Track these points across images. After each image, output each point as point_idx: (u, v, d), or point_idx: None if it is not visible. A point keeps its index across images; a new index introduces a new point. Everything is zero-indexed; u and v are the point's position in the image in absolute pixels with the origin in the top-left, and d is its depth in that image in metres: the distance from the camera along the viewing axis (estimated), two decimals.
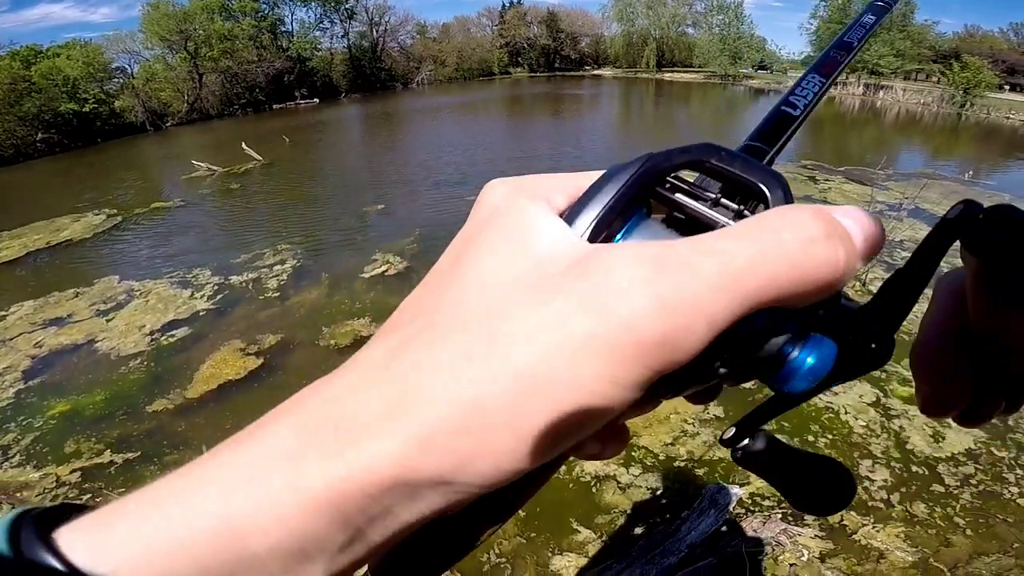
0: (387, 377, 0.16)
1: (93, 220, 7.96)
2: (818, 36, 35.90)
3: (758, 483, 2.55)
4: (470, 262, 0.17)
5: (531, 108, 21.89)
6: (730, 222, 0.18)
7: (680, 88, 31.03)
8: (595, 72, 45.43)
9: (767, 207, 0.17)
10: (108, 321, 4.69)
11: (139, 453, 3.08)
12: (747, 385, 0.17)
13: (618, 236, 0.18)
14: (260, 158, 11.33)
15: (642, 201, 0.19)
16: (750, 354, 0.16)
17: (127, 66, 24.49)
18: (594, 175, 0.19)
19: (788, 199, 0.17)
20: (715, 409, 3.11)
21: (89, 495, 2.76)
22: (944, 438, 2.91)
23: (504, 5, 46.35)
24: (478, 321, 0.16)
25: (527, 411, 0.14)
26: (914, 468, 2.71)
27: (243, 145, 11.83)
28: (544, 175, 0.20)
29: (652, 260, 0.15)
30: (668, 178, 0.19)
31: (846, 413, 3.12)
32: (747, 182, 0.18)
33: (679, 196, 0.19)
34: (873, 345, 0.18)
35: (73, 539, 0.14)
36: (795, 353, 0.16)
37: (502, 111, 21.36)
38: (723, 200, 0.19)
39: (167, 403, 3.51)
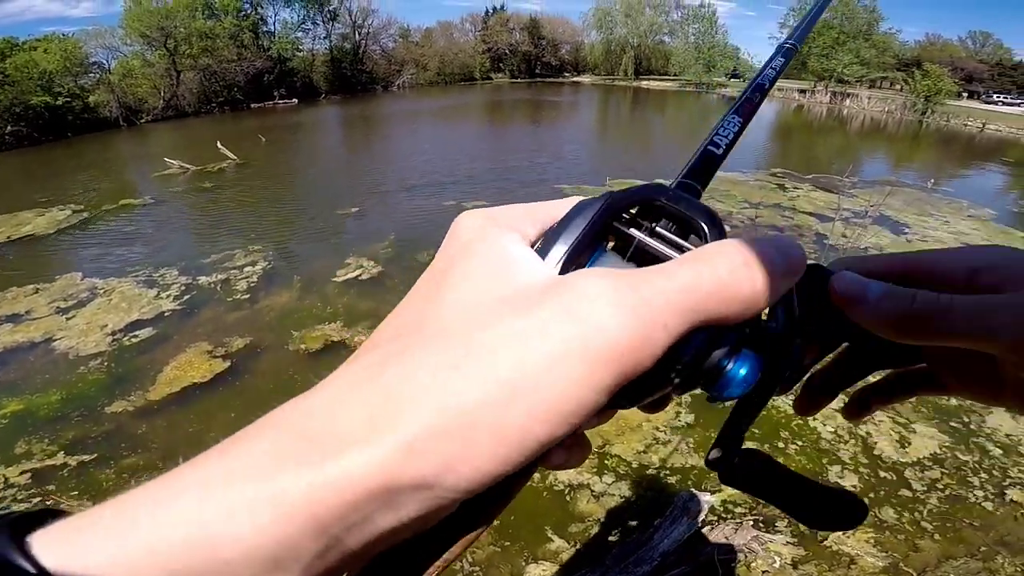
0: (370, 389, 0.16)
1: (57, 215, 7.72)
2: None
3: (729, 491, 2.56)
4: (449, 288, 0.19)
5: (511, 114, 22.05)
6: (675, 254, 0.21)
7: (656, 96, 31.74)
8: (575, 79, 46.12)
9: (705, 241, 0.21)
10: (68, 319, 4.56)
11: (95, 455, 2.99)
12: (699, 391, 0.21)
13: (585, 266, 0.21)
14: (235, 157, 11.15)
15: (603, 236, 0.21)
16: (698, 366, 0.19)
17: (104, 61, 23.95)
18: (560, 204, 0.22)
19: (722, 234, 0.21)
20: (686, 416, 3.16)
21: (39, 498, 2.67)
22: (910, 443, 2.97)
23: (487, 11, 46.73)
24: (461, 334, 0.17)
25: (510, 414, 0.15)
26: (882, 473, 2.77)
27: (218, 144, 11.64)
28: (514, 206, 0.22)
29: (620, 278, 0.17)
30: (623, 214, 0.22)
31: (815, 419, 3.15)
32: (689, 219, 0.22)
33: (632, 230, 0.22)
34: (790, 361, 0.22)
35: (46, 543, 0.14)
36: (730, 365, 0.20)
37: (482, 117, 21.47)
38: (669, 235, 0.22)
39: (127, 405, 3.42)
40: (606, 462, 2.84)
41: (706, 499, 2.36)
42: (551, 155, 12.27)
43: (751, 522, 2.39)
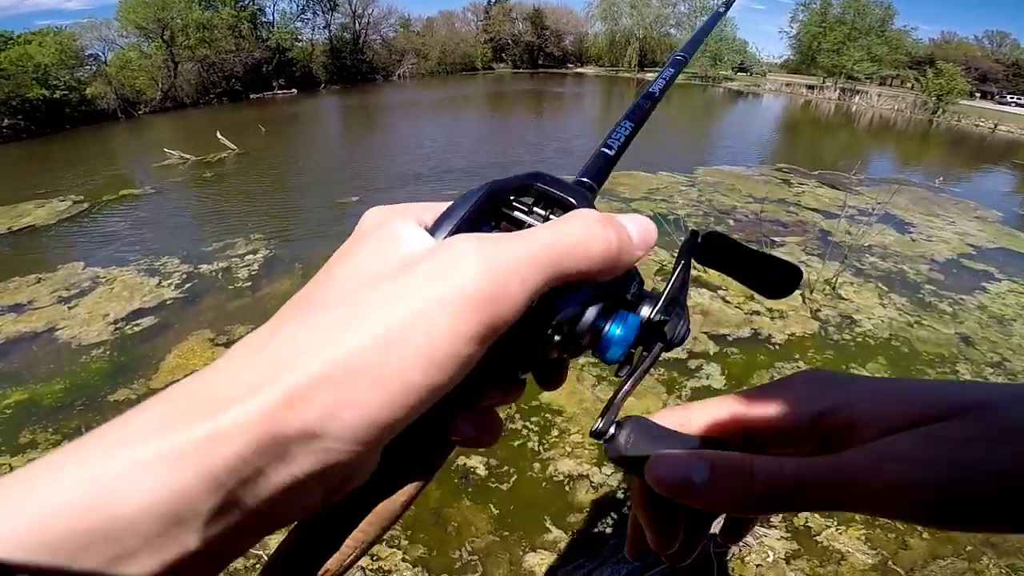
0: (261, 353, 0.18)
1: (58, 206, 7.70)
2: (798, 40, 36.61)
3: None
4: (345, 264, 0.20)
5: (513, 105, 21.87)
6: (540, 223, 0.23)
7: None
8: (578, 70, 45.68)
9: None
10: (70, 308, 4.55)
11: None
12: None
13: None
14: (235, 147, 11.10)
15: (491, 217, 0.23)
16: (574, 324, 0.21)
17: (101, 53, 23.80)
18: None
19: (588, 207, 0.23)
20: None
21: None
22: None
23: (490, 1, 46.15)
24: (347, 299, 0.18)
25: (387, 362, 0.17)
26: None
27: (218, 134, 11.57)
28: (417, 203, 0.23)
29: (485, 239, 0.19)
30: (513, 201, 0.24)
31: None
32: (561, 198, 0.24)
33: (515, 212, 0.24)
34: (667, 322, 0.23)
35: None
36: (607, 326, 0.21)
37: (484, 108, 21.29)
38: (544, 212, 0.24)
39: (130, 393, 3.42)
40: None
41: None
42: (555, 147, 12.21)
43: None
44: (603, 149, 0.28)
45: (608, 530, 2.40)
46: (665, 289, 0.24)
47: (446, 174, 9.06)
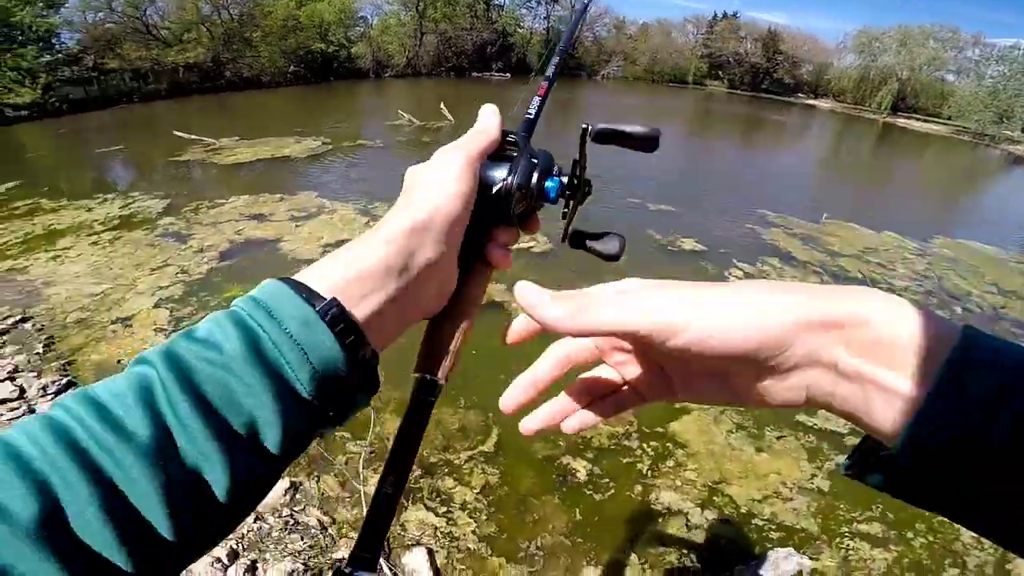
0: (401, 204, 0.35)
1: (311, 144, 9.15)
2: None
3: (825, 560, 2.36)
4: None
5: (721, 127, 20.29)
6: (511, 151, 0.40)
7: (914, 139, 25.71)
8: (809, 101, 40.11)
9: None
10: (297, 227, 5.32)
11: None
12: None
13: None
14: (452, 119, 12.08)
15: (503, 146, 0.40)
16: (528, 184, 0.38)
17: (368, 16, 27.79)
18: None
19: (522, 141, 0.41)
20: (821, 481, 2.75)
21: None
22: None
23: (715, 15, 42.97)
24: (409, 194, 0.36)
25: (446, 182, 0.35)
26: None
27: (441, 105, 12.70)
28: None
29: (459, 148, 0.37)
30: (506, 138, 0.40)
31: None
32: (513, 138, 0.41)
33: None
34: (576, 183, 0.40)
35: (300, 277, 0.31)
36: (545, 183, 0.38)
37: (687, 124, 20.08)
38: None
39: None
40: (715, 498, 2.59)
41: (802, 562, 2.12)
42: (759, 177, 10.99)
43: None
44: (527, 114, 0.46)
45: (680, 570, 2.22)
46: (572, 166, 0.40)
47: (627, 184, 8.69)
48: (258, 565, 2.04)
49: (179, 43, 18.12)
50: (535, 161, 0.38)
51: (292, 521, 2.23)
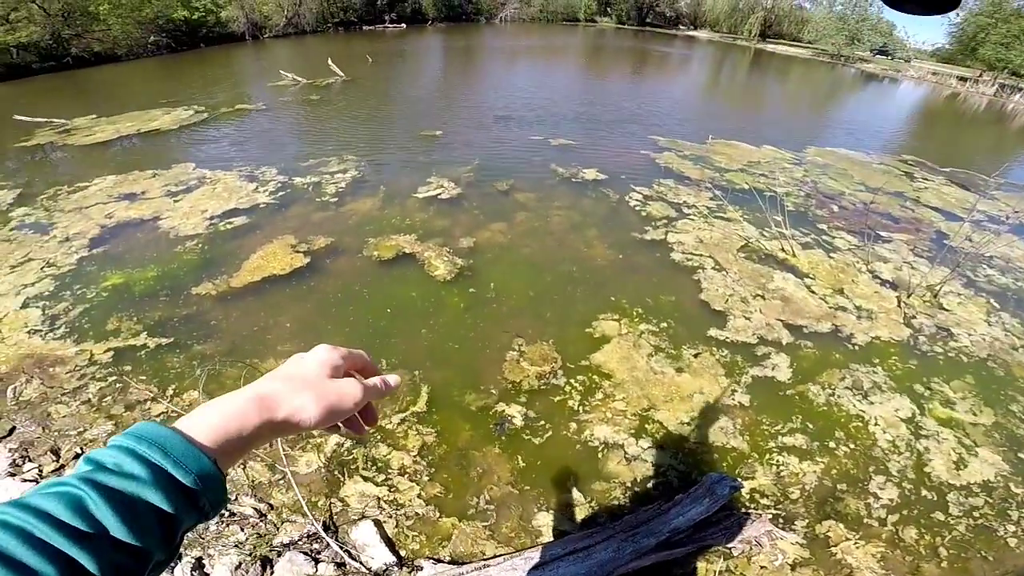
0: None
1: (182, 115, 8.29)
2: (962, 29, 31.08)
3: (761, 480, 2.42)
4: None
5: (612, 61, 20.48)
6: None
7: (781, 61, 27.76)
8: (689, 32, 41.79)
9: None
10: (176, 202, 4.87)
11: (171, 340, 3.12)
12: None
13: None
14: (342, 75, 11.35)
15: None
16: None
17: None
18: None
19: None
20: (741, 396, 2.92)
21: (114, 378, 2.82)
22: (967, 466, 2.64)
23: None
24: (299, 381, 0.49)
25: (316, 396, 0.48)
26: (924, 492, 2.48)
27: (329, 61, 11.88)
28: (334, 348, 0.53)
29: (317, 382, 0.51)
30: None
31: (875, 424, 2.85)
32: None
33: None
34: None
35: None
36: None
37: (581, 60, 20.12)
38: None
39: (211, 288, 3.59)
40: (646, 426, 2.67)
41: (735, 485, 2.18)
42: (649, 106, 11.31)
43: (770, 516, 2.25)
44: None
45: (627, 504, 2.27)
46: None
47: (529, 123, 8.70)
48: (204, 562, 1.96)
49: (6, 23, 15.50)
50: None
51: (227, 513, 2.14)
